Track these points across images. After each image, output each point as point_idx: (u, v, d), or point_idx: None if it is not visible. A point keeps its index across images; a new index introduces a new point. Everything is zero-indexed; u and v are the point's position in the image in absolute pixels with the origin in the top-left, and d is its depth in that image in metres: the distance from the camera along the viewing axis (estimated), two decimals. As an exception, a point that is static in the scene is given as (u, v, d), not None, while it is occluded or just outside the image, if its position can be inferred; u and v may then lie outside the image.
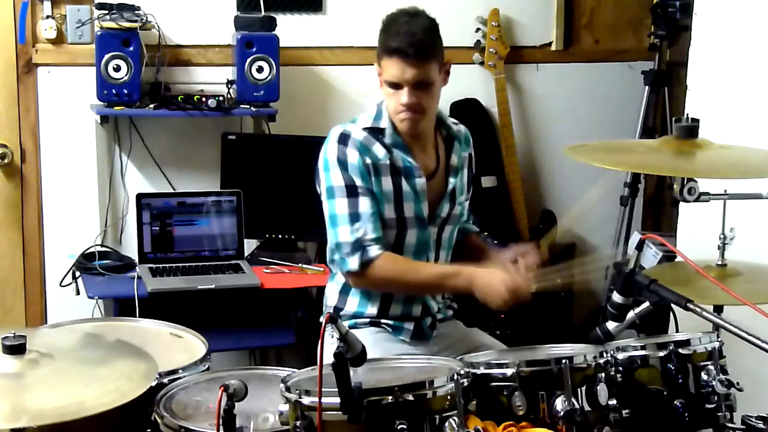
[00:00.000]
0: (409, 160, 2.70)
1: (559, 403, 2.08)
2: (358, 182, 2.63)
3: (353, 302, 2.77)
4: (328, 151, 2.68)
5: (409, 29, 2.61)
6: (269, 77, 3.83)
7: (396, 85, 2.63)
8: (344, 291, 2.79)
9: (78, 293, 3.67)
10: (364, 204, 2.63)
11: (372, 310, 2.75)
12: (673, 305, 2.08)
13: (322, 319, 2.80)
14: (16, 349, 1.97)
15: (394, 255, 2.68)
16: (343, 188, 2.64)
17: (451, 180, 2.80)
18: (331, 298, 2.82)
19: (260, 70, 3.82)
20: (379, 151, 2.68)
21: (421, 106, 2.65)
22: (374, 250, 2.62)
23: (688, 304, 2.03)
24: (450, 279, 2.65)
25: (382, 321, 2.76)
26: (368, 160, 2.65)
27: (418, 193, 2.71)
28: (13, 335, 1.98)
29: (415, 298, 2.77)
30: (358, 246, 2.61)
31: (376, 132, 2.70)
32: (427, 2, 2.74)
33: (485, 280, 2.55)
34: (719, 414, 2.23)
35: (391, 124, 2.70)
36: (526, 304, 2.55)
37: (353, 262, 2.62)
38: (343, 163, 2.65)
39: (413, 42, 2.59)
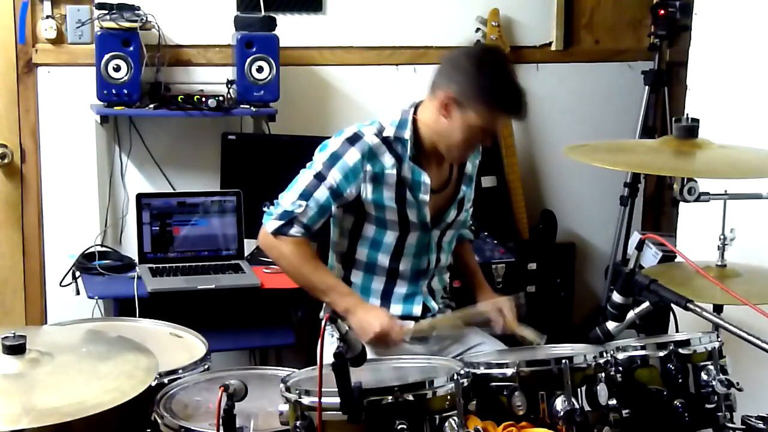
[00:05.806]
0: (422, 174, 2.70)
1: (559, 403, 2.08)
2: (335, 179, 2.64)
3: None
4: (333, 142, 2.70)
5: (520, 89, 2.62)
6: (269, 77, 3.83)
7: (488, 132, 2.67)
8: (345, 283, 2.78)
9: (78, 293, 3.66)
10: (322, 193, 2.65)
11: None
12: (673, 305, 2.09)
13: (322, 315, 2.82)
14: (16, 349, 1.97)
15: (307, 246, 2.70)
16: (317, 171, 2.66)
17: (463, 188, 2.83)
18: None
19: (260, 70, 3.82)
20: (387, 161, 2.68)
21: None
22: (296, 231, 2.65)
23: (688, 304, 2.03)
24: (336, 295, 2.66)
25: (382, 320, 2.76)
26: (369, 167, 2.65)
27: (420, 204, 2.72)
28: (13, 335, 1.98)
29: (414, 298, 2.78)
30: (289, 217, 2.65)
31: (393, 141, 2.69)
32: (428, 2, 2.74)
33: (364, 315, 2.61)
34: (719, 414, 2.24)
35: (414, 137, 2.70)
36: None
37: (273, 225, 2.66)
38: (336, 158, 2.66)
39: (525, 105, 2.65)
